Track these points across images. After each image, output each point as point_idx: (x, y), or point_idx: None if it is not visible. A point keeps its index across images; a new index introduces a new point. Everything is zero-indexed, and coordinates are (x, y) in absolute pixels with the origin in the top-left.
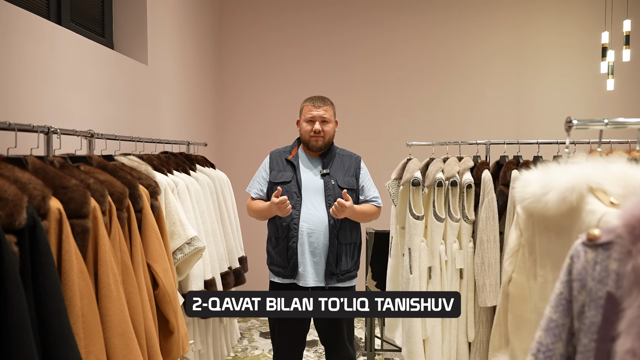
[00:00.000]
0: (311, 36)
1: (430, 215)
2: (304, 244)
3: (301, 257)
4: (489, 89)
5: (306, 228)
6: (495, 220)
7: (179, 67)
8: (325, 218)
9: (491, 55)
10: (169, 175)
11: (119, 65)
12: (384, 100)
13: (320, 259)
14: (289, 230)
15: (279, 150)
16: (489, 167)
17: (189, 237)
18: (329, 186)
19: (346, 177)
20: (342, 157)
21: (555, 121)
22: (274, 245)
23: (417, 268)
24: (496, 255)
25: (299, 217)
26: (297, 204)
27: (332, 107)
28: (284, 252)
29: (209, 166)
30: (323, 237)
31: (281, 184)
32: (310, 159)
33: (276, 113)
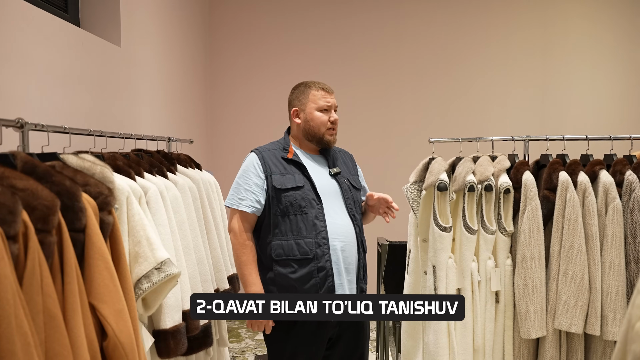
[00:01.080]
0: (312, 23)
1: (459, 226)
2: (339, 262)
3: (338, 279)
4: (512, 80)
5: (339, 242)
6: (540, 232)
7: (159, 51)
8: (351, 227)
9: (514, 43)
10: (138, 180)
11: (85, 46)
12: (395, 94)
13: (353, 276)
14: (316, 247)
15: (268, 148)
16: (529, 167)
17: (159, 261)
18: (345, 188)
19: (353, 175)
20: (340, 154)
21: (584, 116)
22: (292, 269)
23: (444, 290)
24: (542, 275)
25: (326, 229)
26: (319, 214)
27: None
28: (313, 276)
29: (193, 167)
30: (354, 250)
31: (292, 190)
32: (313, 158)
33: (273, 108)
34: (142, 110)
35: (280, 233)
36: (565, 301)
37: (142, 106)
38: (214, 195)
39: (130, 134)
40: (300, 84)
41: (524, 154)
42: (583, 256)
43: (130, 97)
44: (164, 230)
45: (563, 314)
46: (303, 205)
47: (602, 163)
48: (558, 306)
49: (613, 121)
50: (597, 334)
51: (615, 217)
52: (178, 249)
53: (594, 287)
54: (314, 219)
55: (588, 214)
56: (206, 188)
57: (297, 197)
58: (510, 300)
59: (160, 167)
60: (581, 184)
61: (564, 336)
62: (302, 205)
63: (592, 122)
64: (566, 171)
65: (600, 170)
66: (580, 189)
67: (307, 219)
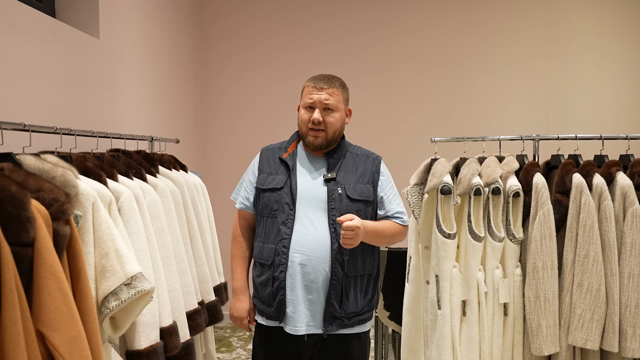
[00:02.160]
0: (310, 19)
1: (464, 232)
2: (294, 275)
3: (290, 294)
4: (516, 79)
5: (300, 255)
6: (553, 239)
7: (143, 44)
8: (327, 240)
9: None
10: (110, 183)
11: (60, 38)
12: (395, 93)
13: (318, 297)
14: (275, 255)
15: (272, 147)
16: (540, 169)
17: (129, 276)
18: (334, 196)
19: (359, 184)
20: (356, 158)
21: (591, 114)
22: (258, 272)
23: (448, 302)
24: (554, 286)
25: (290, 237)
26: (288, 220)
27: (342, 90)
28: (269, 284)
29: (178, 168)
30: (323, 267)
31: (269, 191)
32: (312, 159)
33: (269, 106)
34: (123, 108)
35: (258, 234)
36: (580, 315)
37: (124, 103)
38: (200, 199)
39: (106, 132)
40: (310, 77)
41: (534, 155)
42: (599, 266)
43: (111, 93)
44: (138, 239)
45: (578, 329)
46: (274, 209)
47: (619, 164)
48: (572, 320)
49: (620, 121)
50: (615, 350)
51: (634, 223)
52: (156, 260)
53: (612, 299)
54: (281, 225)
55: (605, 219)
56: (191, 191)
57: (271, 199)
58: (520, 313)
59: (139, 168)
60: (597, 187)
61: (578, 353)
62: (274, 209)
63: (598, 122)
64: (580, 173)
65: (617, 172)
66: (596, 192)
67: (274, 223)
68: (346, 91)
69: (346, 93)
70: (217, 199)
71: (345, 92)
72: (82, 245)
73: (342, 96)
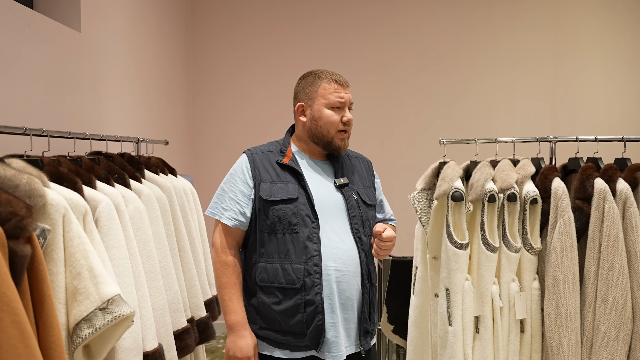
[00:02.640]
0: (307, 14)
1: (477, 242)
2: (332, 296)
3: (330, 316)
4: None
5: (335, 271)
6: (574, 250)
7: (128, 39)
8: (355, 252)
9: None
10: (87, 191)
11: (36, 30)
12: (395, 91)
13: (353, 314)
14: (305, 276)
15: (263, 150)
16: (559, 173)
17: (105, 299)
18: (352, 203)
19: (366, 188)
20: (352, 160)
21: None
22: (276, 299)
23: (460, 318)
24: (576, 301)
25: (320, 253)
26: (313, 234)
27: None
28: (299, 311)
29: (166, 172)
30: (355, 281)
31: (282, 203)
32: (314, 163)
33: (264, 105)
34: (107, 107)
35: (265, 254)
36: (604, 332)
37: (107, 102)
38: (191, 205)
39: (85, 133)
40: (309, 73)
41: (550, 157)
42: (625, 279)
43: (93, 91)
44: (119, 253)
45: (602, 348)
46: (294, 223)
47: None
48: (596, 338)
49: (628, 123)
50: None
51: None
52: (139, 275)
53: (639, 315)
54: (306, 240)
55: (630, 228)
56: (180, 197)
57: (287, 211)
58: (537, 330)
59: (121, 173)
60: (621, 192)
61: None
62: (293, 222)
63: (605, 124)
64: (602, 178)
65: None
66: (620, 198)
67: (297, 240)
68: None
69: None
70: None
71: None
72: (51, 264)
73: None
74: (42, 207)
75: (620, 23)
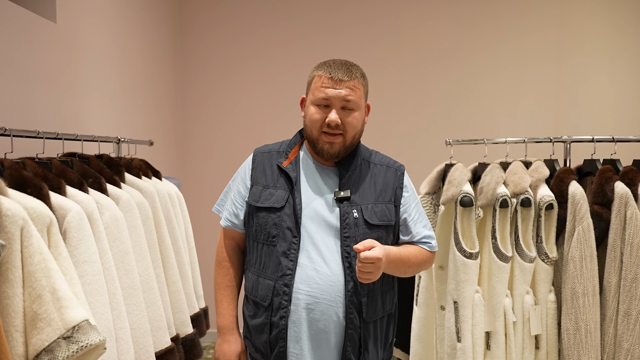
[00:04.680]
0: (302, 10)
1: (488, 251)
2: (299, 323)
3: (294, 346)
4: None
5: (306, 297)
6: (594, 260)
7: (109, 30)
8: (340, 278)
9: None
10: (54, 198)
11: (6, 20)
12: (393, 90)
13: (329, 351)
14: (274, 295)
15: (269, 149)
16: (575, 176)
17: (70, 326)
18: (349, 221)
19: (379, 204)
20: (374, 168)
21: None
22: (252, 312)
23: (469, 333)
24: (597, 315)
25: (294, 274)
26: (290, 250)
27: (363, 82)
28: (265, 331)
29: (150, 175)
30: (335, 312)
31: (265, 210)
32: (321, 169)
33: (257, 104)
34: (84, 104)
35: (250, 262)
36: (628, 350)
37: (85, 99)
38: (177, 211)
39: (56, 132)
40: (320, 63)
41: (564, 159)
42: None
43: (69, 87)
44: (91, 269)
45: None
46: (273, 234)
47: None
48: (618, 356)
49: (634, 123)
50: None
51: None
52: (116, 293)
53: None
54: (281, 256)
55: None
56: (164, 203)
57: (268, 221)
58: (554, 346)
59: (97, 177)
60: None
61: None
62: (272, 234)
63: (610, 125)
64: (622, 181)
65: None
66: None
67: (273, 253)
68: (367, 82)
69: (367, 84)
70: (197, 209)
71: (367, 83)
72: (6, 285)
73: (363, 90)
74: None
75: (624, 22)
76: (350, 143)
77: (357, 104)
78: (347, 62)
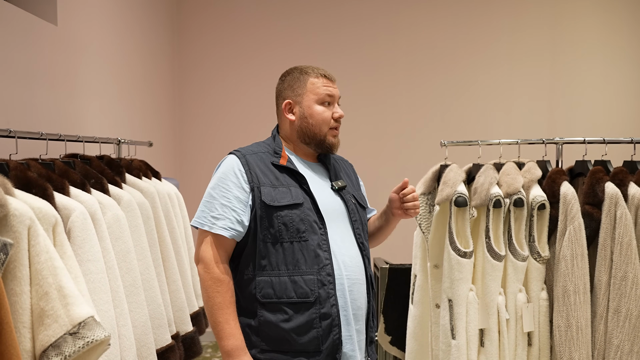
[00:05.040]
0: (298, 11)
1: (482, 250)
2: (347, 306)
3: (346, 329)
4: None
5: (347, 280)
6: (585, 259)
7: (109, 33)
8: (360, 258)
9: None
10: (58, 198)
11: (9, 23)
12: (389, 90)
13: (362, 324)
14: (319, 287)
15: (254, 151)
16: (567, 177)
17: (76, 322)
18: (352, 207)
19: (357, 190)
20: (340, 161)
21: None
22: (285, 316)
23: (464, 331)
24: (588, 313)
25: (332, 261)
26: (322, 242)
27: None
28: (313, 326)
29: (150, 175)
30: (363, 289)
31: (287, 208)
32: (309, 166)
33: (253, 106)
34: (85, 106)
35: (269, 266)
36: (617, 346)
37: (86, 101)
38: (176, 211)
39: (59, 134)
40: (293, 69)
41: (557, 160)
42: (639, 289)
43: (70, 89)
44: (94, 267)
45: None
46: (302, 230)
47: None
48: (609, 353)
49: (626, 123)
50: None
51: None
52: (118, 291)
53: None
54: (317, 249)
55: None
56: (164, 203)
57: (294, 218)
58: (546, 343)
59: (99, 178)
60: (633, 197)
61: None
62: (301, 230)
63: (603, 124)
64: (612, 182)
65: None
66: (632, 204)
67: (307, 249)
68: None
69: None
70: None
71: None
72: (14, 282)
73: None
74: (3, 218)
75: (619, 21)
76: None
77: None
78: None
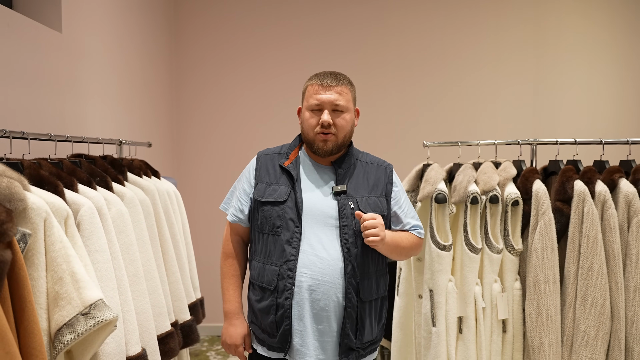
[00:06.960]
0: (293, 16)
1: (460, 243)
2: (302, 303)
3: (298, 323)
4: (502, 79)
5: (308, 279)
6: (555, 251)
7: (110, 39)
8: (339, 262)
9: (506, 39)
10: (68, 194)
11: (16, 30)
12: (378, 92)
13: (329, 327)
14: (279, 279)
15: (271, 152)
16: (540, 175)
17: (87, 304)
18: (346, 211)
19: (372, 197)
20: (366, 167)
21: (578, 117)
22: (258, 297)
23: (443, 318)
24: (557, 301)
25: (296, 259)
26: (293, 239)
27: (350, 88)
28: (271, 312)
29: (150, 174)
30: (334, 293)
31: (270, 204)
32: (318, 169)
33: (250, 107)
34: (88, 108)
35: (255, 252)
36: (584, 331)
37: (89, 103)
38: (175, 208)
39: (66, 135)
40: (313, 75)
41: (531, 160)
42: (604, 279)
43: (74, 92)
44: (101, 257)
45: (582, 347)
46: (277, 225)
47: (621, 170)
48: (576, 337)
49: (608, 123)
50: None
51: None
52: (122, 279)
53: (617, 314)
54: (285, 244)
55: (609, 229)
56: (163, 200)
57: (273, 213)
58: (519, 329)
59: (104, 176)
60: (599, 194)
61: None
62: (277, 225)
63: (586, 124)
64: (581, 180)
65: (620, 179)
66: (599, 200)
67: (277, 242)
68: (354, 89)
69: (354, 91)
70: (193, 207)
71: (354, 89)
72: (32, 268)
73: (351, 94)
74: (22, 211)
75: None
76: (342, 142)
77: (346, 107)
78: (335, 72)
